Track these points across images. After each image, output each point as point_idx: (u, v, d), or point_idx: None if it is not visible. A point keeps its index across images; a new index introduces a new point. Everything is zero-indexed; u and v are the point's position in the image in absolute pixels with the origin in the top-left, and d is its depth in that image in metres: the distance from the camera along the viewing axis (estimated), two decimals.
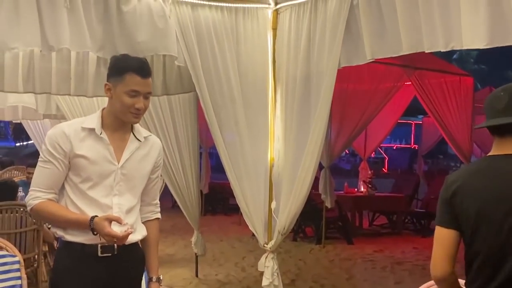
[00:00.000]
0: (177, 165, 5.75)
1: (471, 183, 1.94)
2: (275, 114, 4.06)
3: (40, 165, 2.26)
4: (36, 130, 9.38)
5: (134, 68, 2.21)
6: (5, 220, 4.38)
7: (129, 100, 2.20)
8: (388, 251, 7.64)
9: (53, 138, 2.22)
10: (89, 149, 2.23)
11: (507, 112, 1.90)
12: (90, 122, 2.26)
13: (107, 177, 2.26)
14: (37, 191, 2.24)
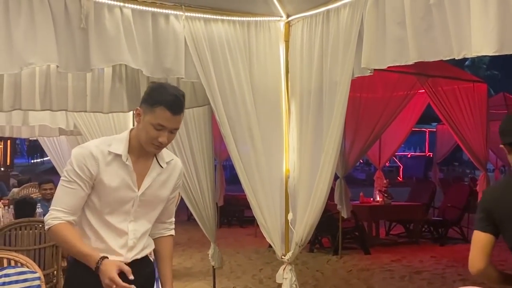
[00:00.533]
0: (192, 178, 5.77)
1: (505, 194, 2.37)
2: (290, 125, 4.06)
3: (64, 185, 2.23)
4: (53, 146, 9.47)
5: (166, 103, 2.17)
6: (24, 236, 4.43)
7: (154, 133, 2.18)
8: (406, 261, 7.58)
9: (80, 159, 2.20)
10: (114, 174, 2.23)
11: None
12: (117, 146, 2.24)
13: (126, 203, 2.28)
14: (59, 211, 2.20)
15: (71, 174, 2.21)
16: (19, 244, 4.38)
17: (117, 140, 2.28)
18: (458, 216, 9.15)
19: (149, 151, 2.27)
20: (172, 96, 2.20)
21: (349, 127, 7.73)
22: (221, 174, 11.14)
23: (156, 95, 2.20)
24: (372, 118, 8.12)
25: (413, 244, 8.90)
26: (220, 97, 3.97)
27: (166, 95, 2.20)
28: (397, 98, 8.26)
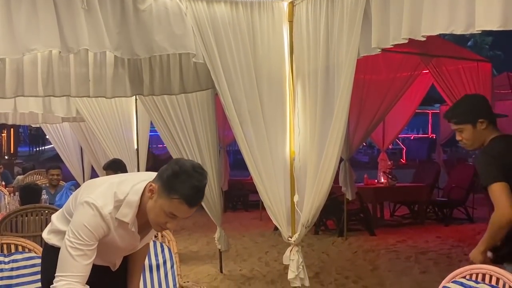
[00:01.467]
0: (196, 160, 5.78)
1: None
2: (295, 107, 4.04)
3: (81, 249, 2.06)
4: (56, 134, 9.48)
5: (186, 198, 2.02)
6: (31, 222, 4.44)
7: (164, 219, 2.08)
8: (411, 241, 7.59)
9: (98, 227, 2.08)
10: (120, 237, 2.17)
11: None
12: (125, 212, 2.12)
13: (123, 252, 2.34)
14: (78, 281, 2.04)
15: (91, 239, 2.06)
16: (26, 230, 4.40)
17: (126, 205, 2.12)
18: (463, 197, 9.14)
19: (152, 227, 2.23)
20: (194, 190, 2.03)
21: (353, 109, 7.67)
22: (225, 159, 11.13)
23: (177, 184, 2.02)
24: (376, 99, 8.07)
25: (418, 225, 8.90)
26: (224, 79, 3.95)
27: (188, 188, 2.01)
28: (401, 79, 8.20)
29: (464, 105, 2.85)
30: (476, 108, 2.82)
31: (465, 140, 2.82)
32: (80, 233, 2.04)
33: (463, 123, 2.78)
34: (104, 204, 2.07)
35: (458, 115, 2.80)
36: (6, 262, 2.91)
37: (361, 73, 7.69)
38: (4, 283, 2.88)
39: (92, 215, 2.06)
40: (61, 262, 2.07)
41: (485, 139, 2.79)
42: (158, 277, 3.26)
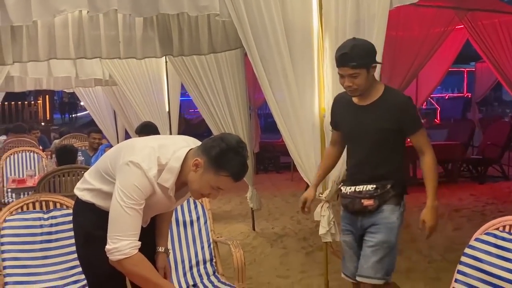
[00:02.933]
0: (228, 124, 5.82)
1: None
2: (324, 63, 3.99)
3: (135, 208, 2.10)
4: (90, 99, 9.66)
5: (234, 174, 2.09)
6: (68, 182, 4.58)
7: (207, 191, 2.15)
8: (445, 199, 7.53)
9: (144, 189, 2.11)
10: (158, 200, 2.20)
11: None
12: (166, 178, 2.14)
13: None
14: (135, 239, 2.10)
15: (141, 198, 2.11)
16: (63, 190, 4.53)
17: (168, 171, 2.15)
18: (498, 154, 8.98)
19: (191, 195, 2.29)
20: (240, 167, 2.10)
21: (385, 66, 7.55)
22: (256, 121, 11.17)
23: (225, 161, 2.08)
24: (408, 57, 7.90)
25: (451, 183, 8.79)
26: (252, 37, 3.91)
27: (236, 165, 2.09)
28: (434, 35, 7.97)
29: (359, 49, 2.70)
30: (371, 52, 2.74)
31: (357, 85, 2.72)
32: (131, 193, 2.08)
33: (359, 67, 2.68)
34: (149, 167, 2.11)
35: (356, 58, 2.67)
36: (46, 219, 3.04)
37: (392, 30, 7.52)
38: (44, 239, 3.01)
39: (140, 175, 2.09)
40: (117, 222, 2.09)
41: (370, 85, 2.76)
42: (192, 232, 3.35)
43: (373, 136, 2.77)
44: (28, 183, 5.53)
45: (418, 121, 2.81)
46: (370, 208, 2.77)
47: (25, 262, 2.93)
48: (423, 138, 2.81)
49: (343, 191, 2.92)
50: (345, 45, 2.73)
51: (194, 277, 3.22)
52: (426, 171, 2.84)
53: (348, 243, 2.95)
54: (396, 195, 2.81)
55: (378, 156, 2.78)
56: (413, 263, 4.83)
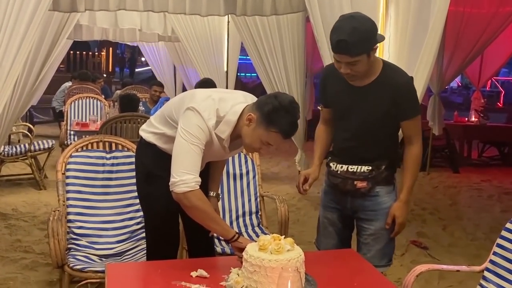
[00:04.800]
0: (284, 87, 5.91)
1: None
2: (386, 31, 3.99)
3: (197, 145, 2.21)
4: (152, 54, 9.92)
5: (284, 131, 2.16)
6: (128, 129, 4.82)
7: (259, 145, 2.24)
8: (497, 181, 7.41)
9: (205, 133, 2.21)
10: (213, 148, 2.30)
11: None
12: (223, 129, 2.25)
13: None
14: (187, 173, 2.18)
15: (203, 138, 2.21)
16: (124, 135, 4.77)
17: (225, 123, 2.26)
18: None
19: (244, 148, 2.38)
20: (291, 125, 2.16)
21: (449, 42, 7.41)
22: (311, 89, 11.15)
23: (276, 118, 2.14)
24: (474, 34, 7.69)
25: (506, 167, 8.61)
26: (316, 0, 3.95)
27: (286, 123, 2.15)
28: (503, 14, 7.71)
29: (359, 33, 2.24)
30: (372, 33, 2.30)
31: (356, 72, 2.36)
32: (195, 132, 2.19)
33: (359, 55, 2.28)
34: (209, 117, 2.22)
35: (354, 47, 2.25)
36: (108, 158, 3.23)
37: (460, 6, 7.35)
38: (106, 176, 3.21)
39: (201, 120, 2.21)
40: (183, 158, 2.19)
41: (372, 66, 2.39)
42: (241, 185, 3.50)
43: (369, 120, 2.48)
44: (91, 127, 5.84)
45: (416, 106, 2.50)
46: (362, 191, 2.52)
47: (87, 196, 3.15)
48: (416, 127, 2.50)
49: (333, 168, 2.60)
50: (342, 29, 2.25)
51: (239, 226, 3.39)
52: (410, 163, 2.50)
53: (331, 221, 2.70)
54: (388, 175, 2.53)
55: (373, 139, 2.51)
56: (455, 239, 4.86)
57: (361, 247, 2.63)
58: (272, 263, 1.81)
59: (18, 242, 4.30)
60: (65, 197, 3.07)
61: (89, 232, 3.07)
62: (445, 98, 17.34)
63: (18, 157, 5.88)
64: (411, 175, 2.50)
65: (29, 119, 8.82)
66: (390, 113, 2.44)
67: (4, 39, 3.35)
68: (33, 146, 5.98)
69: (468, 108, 9.65)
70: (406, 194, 2.51)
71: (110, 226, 3.14)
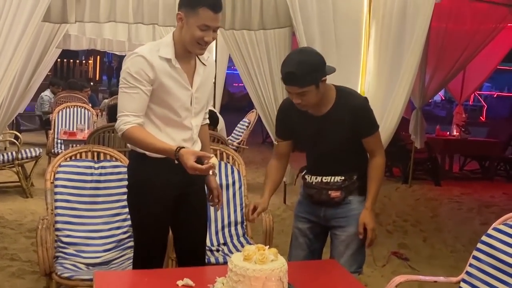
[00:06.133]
0: (270, 99, 5.99)
1: None
2: (369, 48, 4.12)
3: (125, 91, 2.35)
4: None
5: (208, 3, 2.25)
6: (116, 138, 4.86)
7: (200, 34, 2.28)
8: (477, 195, 7.57)
9: (137, 64, 2.32)
10: (168, 77, 2.37)
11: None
12: (165, 51, 2.35)
13: (185, 102, 2.45)
14: (127, 116, 2.34)
15: (130, 79, 2.33)
16: (112, 145, 4.82)
17: (164, 45, 2.37)
18: None
19: (194, 52, 2.39)
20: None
21: (432, 57, 7.58)
22: None
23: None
24: (456, 49, 7.89)
25: (486, 180, 8.79)
26: (300, 16, 4.06)
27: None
28: (485, 30, 7.94)
29: (306, 66, 2.38)
30: (319, 65, 2.43)
31: (306, 102, 2.46)
32: (124, 78, 2.34)
33: (308, 85, 2.39)
34: (145, 50, 2.36)
35: (302, 78, 2.37)
36: (96, 168, 3.29)
37: (443, 22, 7.53)
38: (94, 186, 3.27)
39: (134, 59, 2.33)
40: (120, 104, 2.38)
41: (323, 94, 2.50)
42: (227, 195, 3.57)
43: (334, 144, 2.61)
44: (78, 136, 5.88)
45: (374, 124, 2.62)
46: (336, 200, 2.65)
47: (75, 205, 3.20)
48: (377, 141, 2.63)
49: (308, 180, 2.75)
50: (290, 61, 2.41)
51: (225, 237, 3.46)
52: (374, 172, 2.62)
53: (303, 231, 2.80)
54: (361, 186, 2.66)
55: (341, 157, 2.64)
56: (436, 250, 4.97)
57: (333, 254, 2.72)
58: (256, 272, 1.88)
59: (4, 250, 4.33)
60: (53, 206, 3.13)
61: (77, 241, 3.13)
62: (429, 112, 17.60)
63: (5, 165, 5.90)
64: (375, 183, 2.62)
65: (15, 126, 8.83)
66: (352, 134, 2.56)
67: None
68: (21, 154, 6.01)
69: (451, 122, 9.84)
70: (371, 202, 2.62)
71: (97, 235, 3.20)
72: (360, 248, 2.68)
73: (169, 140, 2.41)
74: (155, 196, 2.44)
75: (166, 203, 2.52)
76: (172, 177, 2.45)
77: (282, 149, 2.78)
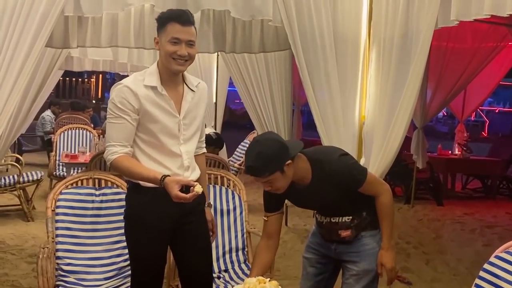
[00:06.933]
0: (271, 120, 6.02)
1: None
2: (368, 73, 4.12)
3: (111, 122, 2.41)
4: None
5: (173, 17, 2.36)
6: None
7: (171, 48, 2.35)
8: (479, 215, 7.54)
9: (121, 95, 2.38)
10: (154, 105, 2.41)
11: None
12: (150, 79, 2.40)
13: (172, 129, 2.47)
14: (114, 146, 2.40)
15: (115, 110, 2.39)
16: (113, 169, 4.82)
17: (148, 74, 2.43)
18: None
19: (174, 70, 2.41)
20: (177, 11, 2.43)
21: (433, 76, 7.61)
22: (299, 118, 11.30)
23: (164, 15, 2.42)
24: (457, 68, 7.93)
25: (489, 199, 8.77)
26: (300, 42, 4.07)
27: (172, 12, 2.43)
28: (486, 49, 7.98)
29: (264, 157, 2.34)
30: (279, 153, 2.38)
31: (276, 188, 2.44)
32: (110, 108, 2.41)
33: (270, 175, 2.37)
34: (129, 80, 2.44)
35: (263, 170, 2.35)
36: (97, 195, 3.29)
37: (443, 41, 7.57)
38: (94, 213, 3.27)
39: (118, 89, 2.40)
40: (107, 134, 2.46)
41: (296, 172, 2.46)
42: (228, 221, 3.56)
43: (328, 204, 2.63)
44: (80, 159, 5.89)
45: (357, 178, 2.55)
46: (348, 239, 2.63)
47: (76, 232, 3.20)
48: (371, 187, 2.58)
49: (318, 219, 2.74)
50: (249, 154, 2.38)
51: (226, 263, 3.45)
52: (381, 211, 2.60)
53: (312, 261, 2.79)
54: (372, 221, 2.63)
55: (341, 206, 2.63)
56: (438, 273, 4.94)
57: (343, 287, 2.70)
58: None
59: (5, 276, 4.32)
60: (54, 234, 3.12)
61: (78, 269, 3.12)
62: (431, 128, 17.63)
63: (7, 189, 5.91)
64: (385, 222, 2.60)
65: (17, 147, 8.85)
66: (343, 191, 2.54)
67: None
68: (22, 177, 6.01)
69: (453, 138, 9.83)
70: (386, 241, 2.60)
71: (98, 263, 3.19)
72: (371, 282, 2.65)
73: (162, 169, 2.43)
74: (149, 228, 2.45)
75: (161, 235, 2.52)
76: (168, 208, 2.44)
77: (271, 227, 2.63)
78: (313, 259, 2.79)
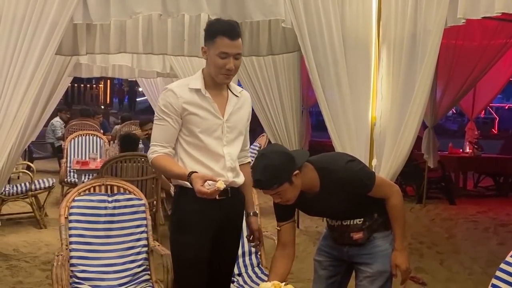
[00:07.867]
0: (280, 122, 6.00)
1: None
2: (379, 73, 4.10)
3: (156, 123, 2.58)
4: (150, 87, 10.06)
5: (223, 31, 2.42)
6: (129, 168, 4.90)
7: (220, 62, 2.45)
8: (492, 213, 7.48)
9: (166, 99, 2.52)
10: (198, 107, 2.52)
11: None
12: (195, 83, 2.54)
13: (216, 131, 2.56)
14: (155, 145, 2.56)
15: (160, 113, 2.54)
16: (124, 175, 4.85)
17: (194, 79, 2.57)
18: None
19: (220, 82, 2.53)
20: (227, 24, 2.48)
21: (442, 75, 7.56)
22: (307, 120, 11.24)
23: (212, 28, 2.47)
24: (466, 66, 7.87)
25: (501, 197, 8.70)
26: (310, 44, 4.06)
27: (221, 25, 2.48)
28: (495, 46, 7.90)
29: (271, 170, 2.35)
30: (285, 165, 2.38)
31: (286, 199, 2.45)
32: (156, 111, 2.59)
33: (277, 187, 2.37)
34: (175, 84, 2.58)
35: (271, 182, 2.36)
36: (110, 201, 3.31)
37: (452, 39, 7.52)
38: (107, 219, 3.28)
39: (163, 93, 2.54)
40: (152, 135, 2.61)
41: (304, 182, 2.46)
42: None
43: (341, 207, 2.60)
44: (91, 165, 5.91)
45: (365, 182, 2.54)
46: (360, 242, 2.62)
47: (89, 239, 3.21)
48: (381, 188, 2.57)
49: (330, 223, 2.75)
50: (256, 168, 2.38)
51: (239, 267, 3.44)
52: (392, 213, 2.59)
53: (323, 264, 2.79)
54: (384, 222, 2.63)
55: (355, 207, 2.61)
56: (453, 273, 4.90)
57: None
58: None
59: (20, 284, 4.33)
60: (68, 241, 3.13)
61: (92, 276, 3.13)
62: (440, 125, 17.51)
63: (19, 196, 5.94)
64: (397, 223, 2.61)
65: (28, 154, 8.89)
66: (353, 196, 2.54)
67: (10, 86, 3.44)
68: (34, 185, 6.04)
69: (463, 135, 9.76)
70: (399, 243, 2.61)
71: (112, 269, 3.20)
72: (386, 284, 2.65)
73: (205, 170, 2.52)
74: (194, 231, 2.53)
75: (205, 239, 2.58)
76: (212, 212, 2.54)
77: (285, 236, 2.62)
78: (325, 262, 2.79)
